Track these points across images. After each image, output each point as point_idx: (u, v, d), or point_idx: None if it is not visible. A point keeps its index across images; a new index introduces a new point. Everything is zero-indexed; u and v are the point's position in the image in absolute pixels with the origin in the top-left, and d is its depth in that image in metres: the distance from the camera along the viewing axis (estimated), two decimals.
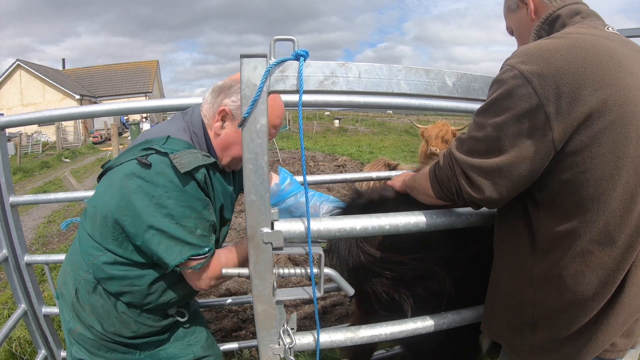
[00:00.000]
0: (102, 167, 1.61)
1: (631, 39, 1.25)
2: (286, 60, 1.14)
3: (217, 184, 1.58)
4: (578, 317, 1.16)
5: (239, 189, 1.82)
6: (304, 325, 3.68)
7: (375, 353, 3.03)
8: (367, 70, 1.20)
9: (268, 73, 1.12)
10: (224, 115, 1.57)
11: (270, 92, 1.15)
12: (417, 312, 1.63)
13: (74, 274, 1.56)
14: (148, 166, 1.39)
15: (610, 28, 1.21)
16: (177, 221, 1.40)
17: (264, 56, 1.12)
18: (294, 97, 1.17)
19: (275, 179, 2.10)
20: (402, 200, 1.71)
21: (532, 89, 1.04)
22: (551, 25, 1.30)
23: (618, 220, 1.07)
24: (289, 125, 25.95)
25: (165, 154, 1.41)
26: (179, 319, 1.70)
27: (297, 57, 1.15)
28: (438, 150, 5.51)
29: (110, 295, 1.52)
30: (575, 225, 1.11)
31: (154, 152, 1.43)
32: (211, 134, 1.61)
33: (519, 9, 1.44)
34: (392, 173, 2.81)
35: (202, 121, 1.61)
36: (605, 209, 1.07)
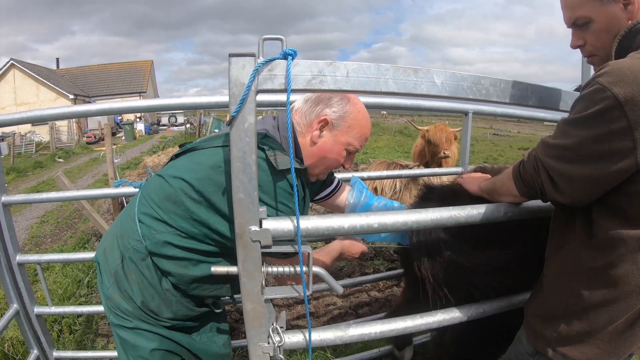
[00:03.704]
0: (180, 146, 1.64)
1: None
2: (274, 60, 1.15)
3: (301, 191, 1.59)
4: (618, 313, 1.24)
5: (311, 198, 1.91)
6: (297, 325, 3.68)
7: (367, 353, 3.04)
8: (355, 69, 1.21)
9: (256, 72, 1.13)
10: (324, 125, 1.61)
11: (258, 91, 1.16)
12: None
13: (122, 241, 1.55)
14: None
15: None
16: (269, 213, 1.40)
17: (252, 55, 1.13)
18: (283, 97, 1.18)
19: (347, 194, 2.15)
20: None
21: (623, 113, 1.05)
22: (633, 37, 1.25)
23: None
24: None
25: (262, 150, 1.42)
26: (214, 309, 1.72)
27: (285, 56, 1.15)
28: (450, 153, 5.64)
29: (158, 270, 1.52)
30: (634, 231, 1.17)
31: None
32: (304, 141, 1.64)
33: (613, 2, 1.28)
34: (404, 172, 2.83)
35: (293, 128, 1.62)
36: None
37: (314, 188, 1.95)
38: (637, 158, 1.07)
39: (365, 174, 2.94)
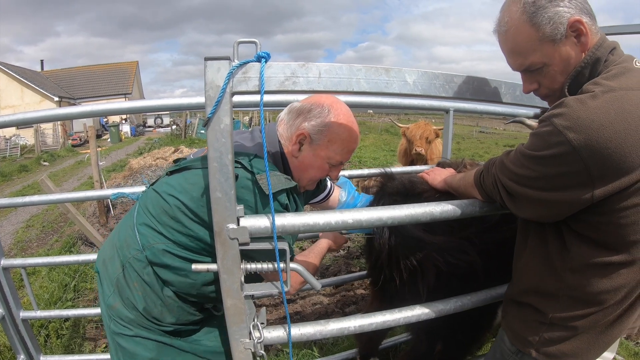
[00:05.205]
0: (174, 161, 1.67)
1: (615, 35, 1.29)
2: (248, 62, 1.18)
3: (293, 204, 1.60)
4: (597, 321, 1.30)
5: (304, 204, 1.92)
6: (284, 323, 3.70)
7: (353, 351, 3.06)
8: (327, 70, 1.24)
9: (231, 75, 1.15)
10: (302, 139, 1.60)
11: (233, 93, 1.18)
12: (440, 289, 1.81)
13: (122, 251, 1.57)
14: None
15: (637, 63, 1.20)
16: None
17: (227, 58, 1.16)
18: (267, 97, 1.21)
19: (339, 195, 2.19)
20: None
21: (579, 157, 1.07)
22: (594, 67, 1.22)
23: None
24: None
25: (252, 173, 1.43)
26: (215, 312, 1.73)
27: (259, 58, 1.18)
28: (423, 150, 5.62)
29: (159, 278, 1.53)
30: (607, 254, 1.21)
31: (240, 166, 1.44)
32: (288, 154, 1.64)
33: (565, 39, 1.20)
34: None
35: (279, 141, 1.63)
36: (635, 244, 1.17)
37: (307, 194, 1.96)
38: (593, 193, 1.10)
39: (347, 172, 2.97)
